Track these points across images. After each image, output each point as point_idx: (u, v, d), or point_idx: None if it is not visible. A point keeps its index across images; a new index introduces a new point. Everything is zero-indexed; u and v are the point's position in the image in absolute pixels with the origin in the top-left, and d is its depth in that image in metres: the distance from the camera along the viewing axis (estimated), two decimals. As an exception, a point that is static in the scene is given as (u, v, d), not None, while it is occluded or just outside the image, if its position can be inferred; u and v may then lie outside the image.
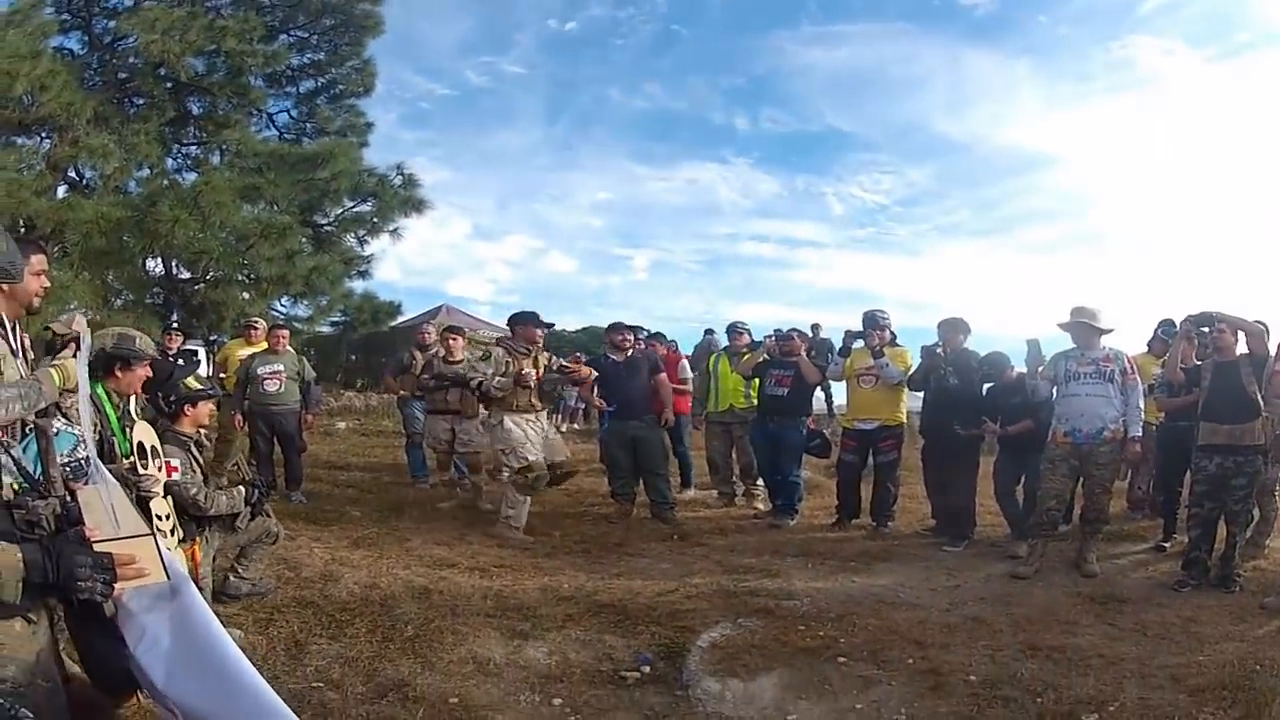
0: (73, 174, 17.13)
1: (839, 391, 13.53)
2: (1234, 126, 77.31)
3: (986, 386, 8.87)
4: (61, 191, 16.53)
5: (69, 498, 2.61)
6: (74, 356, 3.24)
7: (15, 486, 2.63)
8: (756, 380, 9.77)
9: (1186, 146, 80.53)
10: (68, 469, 2.90)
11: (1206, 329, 7.39)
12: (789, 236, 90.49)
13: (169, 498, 4.68)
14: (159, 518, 4.19)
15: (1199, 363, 7.68)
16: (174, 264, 17.32)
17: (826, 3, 74.20)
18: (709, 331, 10.46)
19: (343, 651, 4.83)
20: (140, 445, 4.38)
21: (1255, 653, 5.23)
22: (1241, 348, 7.16)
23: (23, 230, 13.71)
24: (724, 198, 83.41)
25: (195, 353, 12.20)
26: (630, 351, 9.82)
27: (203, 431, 5.83)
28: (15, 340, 3.10)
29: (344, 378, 20.73)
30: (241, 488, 5.52)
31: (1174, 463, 8.29)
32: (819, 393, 11.02)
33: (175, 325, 13.33)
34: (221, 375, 10.50)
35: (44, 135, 16.12)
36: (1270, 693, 4.51)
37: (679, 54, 76.38)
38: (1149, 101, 71.98)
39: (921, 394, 9.29)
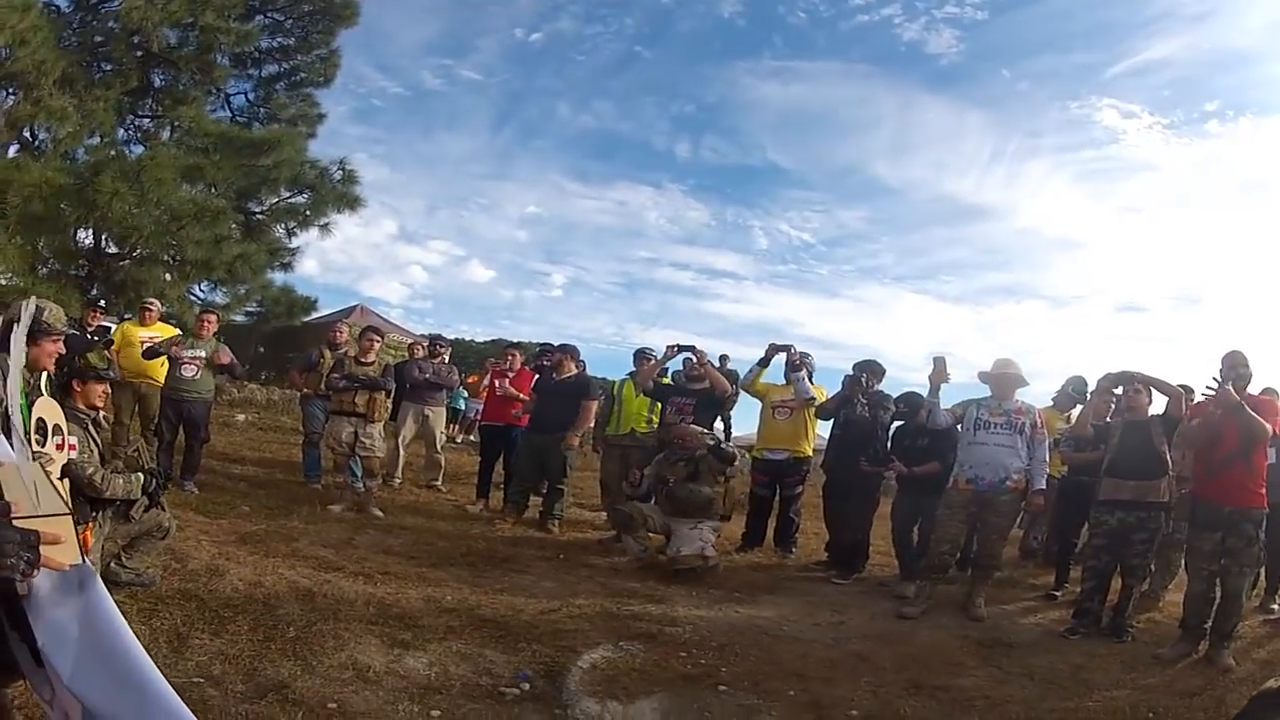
0: (27, 134, 16.95)
1: (744, 423, 13.62)
2: (1186, 191, 78.11)
3: (896, 425, 8.97)
4: (13, 151, 16.42)
5: None
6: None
7: None
8: (659, 406, 9.78)
9: (1132, 207, 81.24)
10: None
11: (1121, 389, 7.50)
12: (709, 266, 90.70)
13: (65, 479, 4.47)
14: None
15: (1109, 421, 7.81)
16: (104, 237, 17.07)
17: (793, 38, 74.13)
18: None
19: (224, 648, 4.72)
20: (40, 421, 4.22)
21: (1148, 700, 5.29)
22: (1156, 409, 7.27)
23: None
24: (651, 222, 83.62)
25: (109, 329, 11.95)
26: (569, 374, 10.12)
27: (100, 412, 5.68)
28: None
29: (250, 369, 20.36)
30: (140, 474, 5.37)
31: (1072, 515, 8.44)
32: (718, 423, 10.93)
33: (100, 302, 13.01)
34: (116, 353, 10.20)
35: (10, 91, 15.90)
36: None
37: (636, 75, 76.51)
38: (1100, 162, 72.68)
39: (830, 428, 9.38)
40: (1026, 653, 6.34)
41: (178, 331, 10.17)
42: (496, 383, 10.99)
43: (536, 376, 11.03)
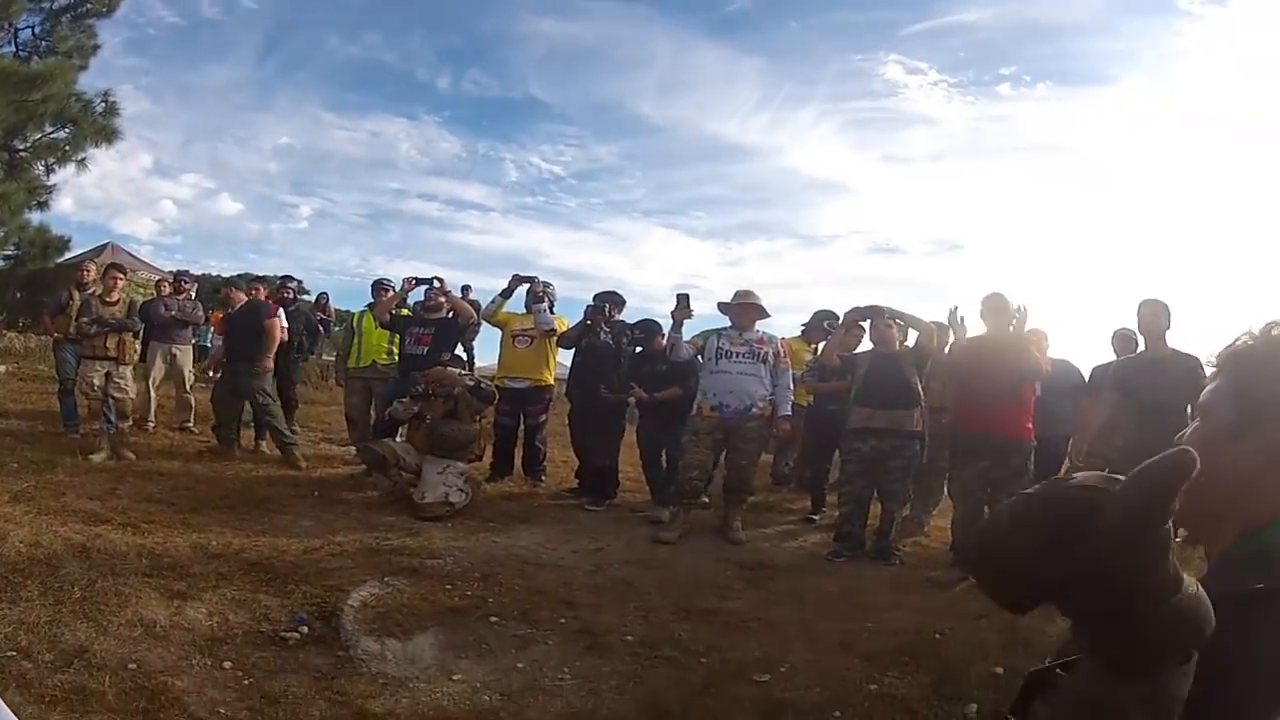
0: None
1: (486, 353, 13.77)
2: (961, 146, 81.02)
3: (635, 351, 9.20)
4: None
5: None
6: None
7: None
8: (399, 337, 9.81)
9: (900, 156, 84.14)
10: None
11: (870, 321, 7.83)
12: (457, 198, 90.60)
13: None
14: None
15: (855, 353, 8.16)
16: None
17: (581, -27, 74.16)
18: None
19: (22, 616, 4.62)
20: None
21: (931, 623, 5.54)
22: (909, 343, 7.69)
23: None
24: (402, 153, 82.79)
25: None
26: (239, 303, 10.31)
27: None
28: None
29: (7, 317, 19.47)
30: None
31: (821, 443, 8.85)
32: (460, 352, 11.06)
33: None
34: None
35: None
36: (962, 662, 4.82)
37: (413, 6, 75.19)
38: (874, 113, 75.12)
39: (571, 356, 9.61)
40: (792, 575, 6.63)
41: None
42: None
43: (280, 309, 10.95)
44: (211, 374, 11.43)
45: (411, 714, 4.06)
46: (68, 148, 18.19)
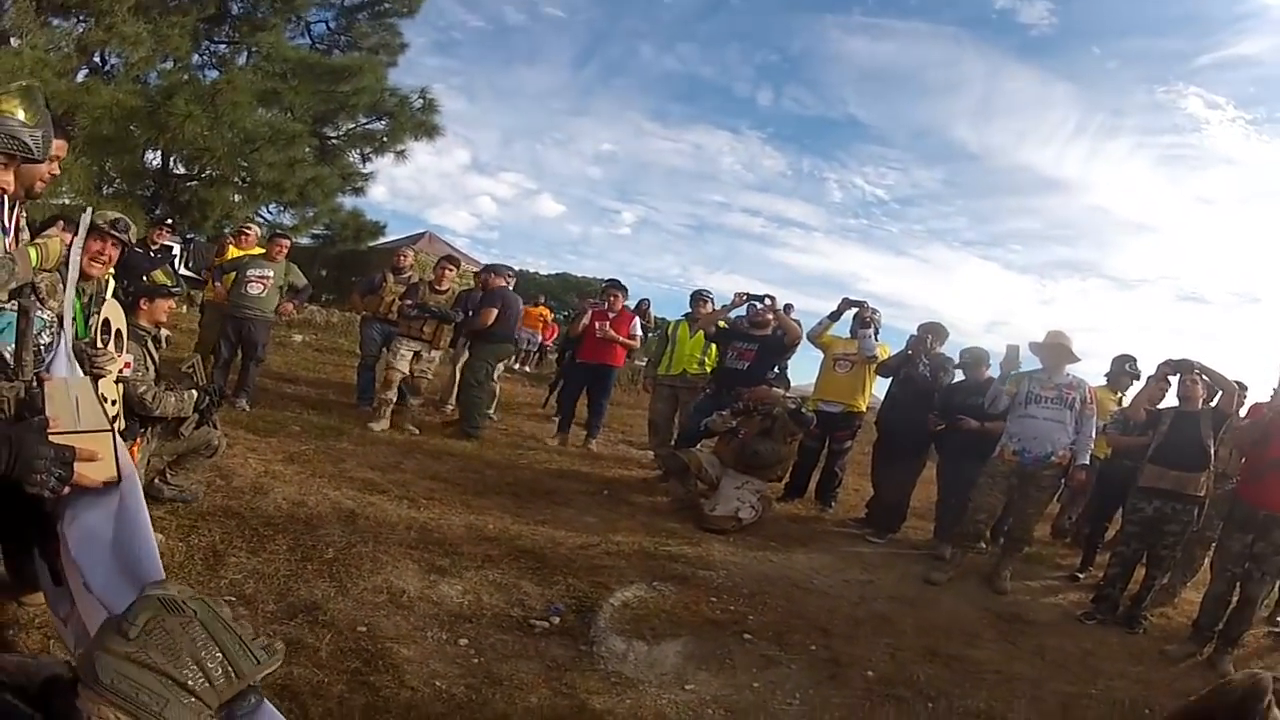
0: (98, 59, 17.13)
1: (805, 372, 13.73)
2: (1261, 189, 77.30)
3: (957, 379, 8.99)
4: (82, 75, 16.57)
5: (34, 384, 2.58)
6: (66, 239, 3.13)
7: None
8: (714, 349, 9.83)
9: (1206, 197, 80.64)
10: (41, 352, 2.84)
11: (1178, 375, 7.42)
12: (780, 215, 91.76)
13: (120, 384, 4.53)
14: (104, 399, 4.00)
15: (1159, 407, 7.77)
16: (173, 159, 17.32)
17: (886, -5, 74.73)
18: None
19: (260, 567, 4.81)
20: (106, 323, 4.28)
21: (1149, 697, 5.35)
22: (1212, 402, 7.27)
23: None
24: (725, 166, 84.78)
25: (171, 249, 12.20)
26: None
27: (162, 329, 5.79)
28: (8, 218, 2.90)
29: (311, 291, 20.79)
30: (193, 392, 5.43)
31: (1108, 500, 8.49)
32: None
33: (168, 221, 13.18)
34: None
35: (81, 18, 16.01)
36: (1157, 741, 4.60)
37: (723, 21, 77.32)
38: (1181, 149, 72.54)
39: (887, 385, 9.42)
40: (1041, 632, 6.41)
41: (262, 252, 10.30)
42: (597, 325, 10.91)
43: (635, 319, 11.23)
44: (520, 367, 11.81)
45: (630, 716, 4.05)
46: (385, 139, 19.21)
